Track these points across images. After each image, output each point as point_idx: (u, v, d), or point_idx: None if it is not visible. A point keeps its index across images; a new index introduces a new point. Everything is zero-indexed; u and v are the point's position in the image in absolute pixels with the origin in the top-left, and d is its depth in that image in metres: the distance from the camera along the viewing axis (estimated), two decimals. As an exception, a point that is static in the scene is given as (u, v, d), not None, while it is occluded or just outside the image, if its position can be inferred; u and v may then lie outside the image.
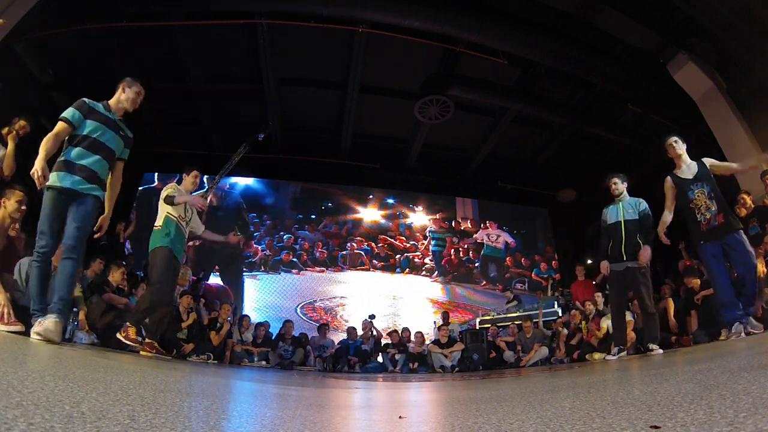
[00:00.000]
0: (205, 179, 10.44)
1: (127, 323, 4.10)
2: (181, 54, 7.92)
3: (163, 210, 4.53)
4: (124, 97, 3.88)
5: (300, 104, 9.73)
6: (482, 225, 12.50)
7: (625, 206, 5.04)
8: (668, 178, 4.64)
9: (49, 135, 3.34)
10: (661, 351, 4.64)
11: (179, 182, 4.94)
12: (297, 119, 10.21)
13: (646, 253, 4.72)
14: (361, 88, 8.85)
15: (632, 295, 5.24)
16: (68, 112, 3.48)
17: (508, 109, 9.39)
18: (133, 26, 7.10)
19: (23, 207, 3.96)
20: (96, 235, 3.77)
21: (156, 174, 10.98)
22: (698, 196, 4.39)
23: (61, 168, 3.37)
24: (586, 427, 1.02)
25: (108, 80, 4.18)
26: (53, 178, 3.28)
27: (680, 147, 4.63)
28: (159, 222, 4.52)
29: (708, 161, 4.51)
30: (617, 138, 9.71)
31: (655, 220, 4.87)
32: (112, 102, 3.85)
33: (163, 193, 4.57)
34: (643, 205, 4.99)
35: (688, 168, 4.54)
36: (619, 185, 5.17)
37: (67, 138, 3.46)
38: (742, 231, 4.17)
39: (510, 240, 12.41)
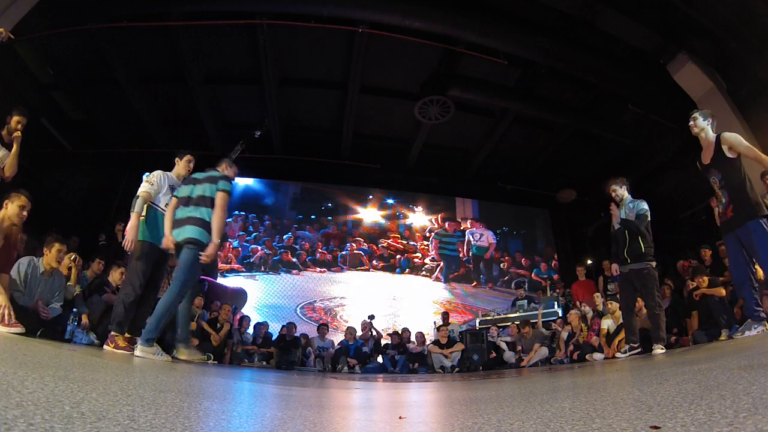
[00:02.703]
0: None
1: (112, 333, 3.81)
2: (182, 54, 7.92)
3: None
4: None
5: (300, 104, 9.74)
6: (462, 222, 12.48)
7: (627, 210, 4.99)
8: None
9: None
10: (662, 350, 4.63)
11: (171, 168, 4.70)
12: (297, 119, 10.21)
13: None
14: (362, 88, 8.85)
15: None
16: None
17: (508, 110, 9.39)
18: (133, 26, 7.10)
19: (24, 213, 3.90)
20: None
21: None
22: (713, 186, 4.01)
23: None
24: (586, 427, 1.02)
25: (108, 80, 4.17)
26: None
27: (699, 124, 4.08)
28: (140, 211, 4.16)
29: (725, 139, 3.87)
30: (617, 138, 9.71)
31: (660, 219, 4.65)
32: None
33: (141, 187, 4.20)
34: (641, 205, 4.91)
35: (707, 149, 4.02)
36: (619, 191, 5.11)
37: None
38: (759, 220, 3.62)
39: (492, 240, 12.38)
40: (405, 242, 11.84)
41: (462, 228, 12.35)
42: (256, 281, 10.53)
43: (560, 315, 8.01)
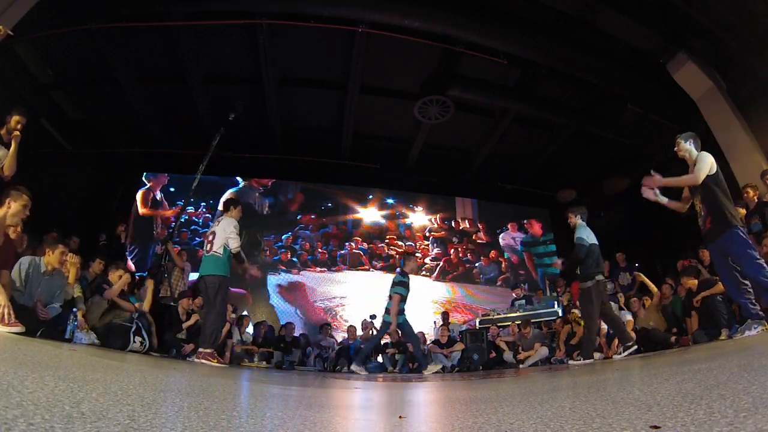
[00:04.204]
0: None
1: (205, 349, 4.79)
2: (181, 54, 7.92)
3: (226, 240, 4.99)
4: None
5: (300, 104, 9.72)
6: (484, 228, 12.50)
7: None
8: None
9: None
10: (582, 361, 5.12)
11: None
12: (297, 119, 10.20)
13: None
14: (361, 88, 8.84)
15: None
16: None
17: (508, 110, 9.38)
18: (132, 27, 7.10)
19: (27, 213, 3.93)
20: None
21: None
22: (695, 200, 4.31)
23: None
24: (586, 427, 1.02)
25: (108, 80, 4.17)
26: None
27: (683, 147, 4.37)
28: (219, 250, 4.99)
29: (700, 159, 4.19)
30: (617, 138, 9.70)
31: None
32: None
33: (233, 243, 5.01)
34: (576, 233, 5.47)
35: (691, 168, 4.30)
36: (572, 218, 5.66)
37: None
38: (734, 229, 3.90)
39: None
40: (402, 243, 11.81)
41: (461, 228, 12.33)
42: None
43: (560, 315, 8.01)
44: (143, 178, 10.75)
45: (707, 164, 4.14)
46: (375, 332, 8.65)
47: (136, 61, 8.21)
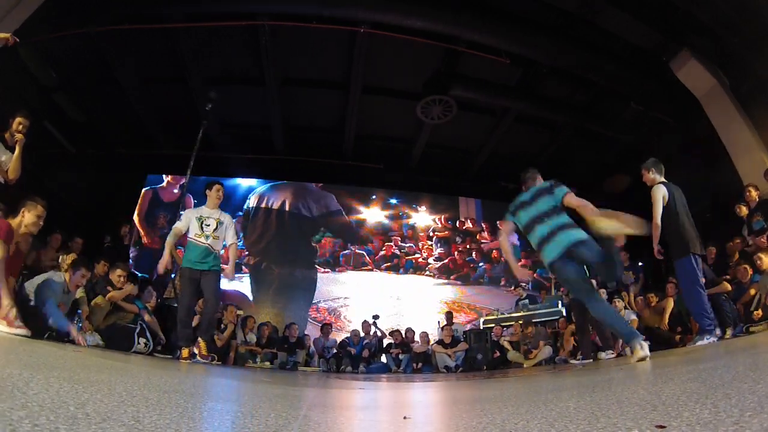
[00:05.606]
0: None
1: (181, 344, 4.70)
2: (182, 55, 7.93)
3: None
4: None
5: (302, 105, 9.72)
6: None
7: None
8: None
9: None
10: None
11: (204, 199, 5.37)
12: (299, 120, 10.20)
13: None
14: (363, 88, 8.84)
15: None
16: None
17: (509, 109, 9.36)
18: (134, 28, 7.11)
19: (41, 222, 3.92)
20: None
21: (163, 175, 10.97)
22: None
23: None
24: (591, 426, 1.02)
25: (109, 81, 4.17)
26: None
27: (648, 178, 4.77)
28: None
29: (653, 199, 4.59)
30: (619, 136, 9.67)
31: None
32: None
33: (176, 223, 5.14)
34: None
35: None
36: None
37: None
38: (684, 258, 4.36)
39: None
40: (403, 245, 11.78)
41: (465, 228, 12.28)
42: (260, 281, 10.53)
43: (563, 314, 7.99)
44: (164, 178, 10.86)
45: (659, 201, 4.52)
46: (379, 333, 8.66)
47: (136, 62, 8.23)
